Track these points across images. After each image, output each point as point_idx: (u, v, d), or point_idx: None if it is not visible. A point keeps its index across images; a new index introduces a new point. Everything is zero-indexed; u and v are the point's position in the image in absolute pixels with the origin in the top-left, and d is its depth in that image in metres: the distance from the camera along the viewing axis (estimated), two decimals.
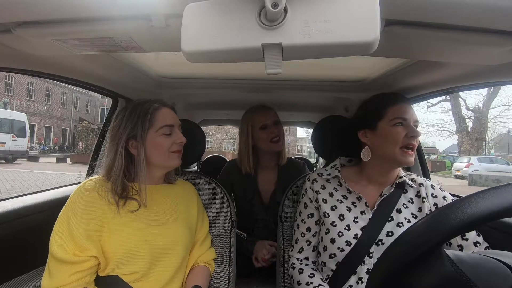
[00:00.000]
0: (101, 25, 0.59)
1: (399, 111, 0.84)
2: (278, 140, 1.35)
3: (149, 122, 0.85)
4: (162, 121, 0.86)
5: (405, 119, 0.84)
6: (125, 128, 0.84)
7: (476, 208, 0.34)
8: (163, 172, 0.92)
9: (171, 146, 0.87)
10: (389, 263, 0.38)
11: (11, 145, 13.65)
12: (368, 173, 0.91)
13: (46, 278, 0.73)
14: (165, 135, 0.86)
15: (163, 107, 0.89)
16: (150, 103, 0.88)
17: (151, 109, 0.86)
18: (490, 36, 0.57)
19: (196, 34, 0.44)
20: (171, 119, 0.89)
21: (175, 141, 0.88)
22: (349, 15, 0.41)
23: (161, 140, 0.86)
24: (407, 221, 0.84)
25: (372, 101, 0.93)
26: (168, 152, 0.87)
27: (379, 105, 0.88)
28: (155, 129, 0.85)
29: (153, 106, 0.87)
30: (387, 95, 0.93)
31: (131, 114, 0.85)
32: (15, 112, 15.41)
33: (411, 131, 0.82)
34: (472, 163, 14.32)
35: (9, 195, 1.08)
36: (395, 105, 0.85)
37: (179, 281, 0.87)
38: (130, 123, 0.84)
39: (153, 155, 0.86)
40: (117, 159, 0.83)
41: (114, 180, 0.82)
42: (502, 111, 20.98)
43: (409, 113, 0.84)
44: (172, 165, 0.90)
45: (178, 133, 0.90)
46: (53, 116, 24.84)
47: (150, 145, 0.85)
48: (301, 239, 0.95)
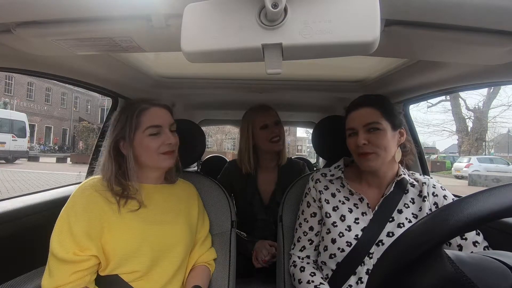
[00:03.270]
0: (101, 25, 0.59)
1: (351, 121, 0.89)
2: (278, 140, 1.35)
3: (135, 123, 0.83)
4: (148, 121, 0.84)
5: (353, 129, 0.88)
6: (115, 129, 0.84)
7: (476, 208, 0.34)
8: (159, 172, 0.91)
9: (160, 147, 0.85)
10: (389, 263, 0.37)
11: (11, 145, 13.65)
12: (363, 174, 0.92)
13: (47, 277, 0.73)
14: (152, 135, 0.84)
15: (153, 106, 0.87)
16: (140, 103, 0.86)
17: (138, 110, 0.84)
18: (490, 36, 0.57)
19: (196, 34, 0.44)
20: (158, 119, 0.86)
21: (164, 142, 0.85)
22: (349, 15, 0.41)
23: (148, 141, 0.84)
24: (408, 221, 0.84)
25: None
26: (157, 153, 0.84)
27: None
28: (141, 130, 0.84)
29: (140, 106, 0.85)
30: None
31: (121, 115, 0.85)
32: (15, 112, 15.41)
33: (358, 140, 0.85)
34: (472, 163, 14.31)
35: (9, 195, 1.08)
36: (349, 114, 0.90)
37: (180, 281, 0.87)
38: (119, 124, 0.84)
39: (143, 156, 0.85)
40: (108, 159, 0.84)
41: (107, 179, 0.82)
42: (502, 111, 20.91)
43: (355, 121, 0.88)
44: (163, 167, 0.88)
45: (167, 133, 0.87)
46: (53, 116, 24.83)
47: (138, 146, 0.84)
48: (303, 238, 0.95)
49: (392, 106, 0.89)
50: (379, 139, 0.84)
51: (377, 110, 0.86)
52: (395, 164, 0.90)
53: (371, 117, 0.85)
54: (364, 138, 0.85)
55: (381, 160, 0.85)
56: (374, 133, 0.85)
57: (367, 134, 0.85)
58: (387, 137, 0.84)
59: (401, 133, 0.89)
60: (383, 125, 0.84)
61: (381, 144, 0.84)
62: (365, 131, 0.86)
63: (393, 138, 0.86)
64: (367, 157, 0.85)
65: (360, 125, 0.86)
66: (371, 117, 0.85)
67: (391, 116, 0.86)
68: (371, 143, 0.85)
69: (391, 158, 0.87)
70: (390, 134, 0.85)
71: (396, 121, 0.87)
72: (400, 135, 0.89)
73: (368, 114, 0.86)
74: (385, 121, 0.85)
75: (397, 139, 0.88)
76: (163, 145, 0.85)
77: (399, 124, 0.88)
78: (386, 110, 0.86)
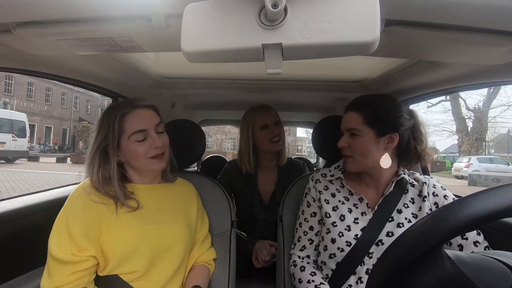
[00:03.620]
0: (101, 25, 0.59)
1: (342, 122, 0.91)
2: (278, 140, 1.35)
3: (118, 130, 0.81)
4: (131, 127, 0.81)
5: (341, 130, 0.90)
6: (98, 136, 0.82)
7: (476, 208, 0.34)
8: (154, 173, 0.90)
9: (148, 152, 0.82)
10: (389, 263, 0.37)
11: (11, 145, 13.65)
12: (362, 174, 0.92)
13: (46, 278, 0.73)
14: (138, 141, 0.81)
15: (134, 109, 0.83)
16: (120, 107, 0.83)
17: (120, 115, 0.81)
18: (490, 36, 0.57)
19: (196, 34, 0.44)
20: (142, 123, 0.82)
21: (151, 146, 0.82)
22: (349, 15, 0.41)
23: (135, 147, 0.81)
24: (407, 221, 0.84)
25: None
26: (145, 158, 0.82)
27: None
28: (126, 136, 0.81)
29: (122, 111, 0.82)
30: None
31: (103, 121, 0.82)
32: (15, 112, 15.42)
33: (339, 142, 0.90)
34: (472, 163, 14.32)
35: (9, 195, 1.08)
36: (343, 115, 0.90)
37: (179, 280, 0.87)
38: (102, 130, 0.82)
39: (132, 161, 0.84)
40: (92, 163, 0.82)
41: (94, 182, 0.81)
42: (502, 111, 20.94)
43: (342, 124, 0.90)
44: (154, 170, 0.87)
45: (154, 136, 0.83)
46: (53, 116, 24.84)
47: (126, 152, 0.82)
48: (304, 237, 0.95)
49: (382, 111, 0.85)
50: (356, 144, 0.86)
51: (360, 116, 0.85)
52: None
53: (352, 122, 0.87)
54: (345, 141, 0.88)
55: (358, 164, 0.87)
56: (354, 138, 0.86)
57: (349, 138, 0.88)
58: (365, 143, 0.84)
59: (391, 139, 0.84)
60: (362, 132, 0.84)
61: (358, 150, 0.86)
62: (348, 134, 0.88)
63: (376, 145, 0.84)
64: (346, 160, 0.90)
65: (345, 128, 0.89)
66: (351, 123, 0.87)
67: (376, 122, 0.84)
68: (351, 147, 0.87)
69: (378, 165, 0.84)
70: (371, 140, 0.84)
71: (384, 127, 0.83)
72: (389, 140, 0.84)
73: (350, 119, 0.87)
74: (367, 127, 0.84)
75: (383, 145, 0.84)
76: (151, 149, 0.82)
77: (390, 129, 0.84)
78: (370, 116, 0.84)
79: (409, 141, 0.86)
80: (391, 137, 0.84)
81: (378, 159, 0.85)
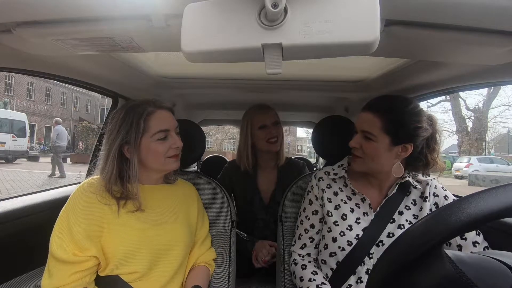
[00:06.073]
0: (101, 25, 0.59)
1: (357, 120, 0.89)
2: (276, 141, 1.35)
3: (143, 128, 0.81)
4: (156, 126, 0.83)
5: (356, 128, 0.88)
6: (119, 133, 0.81)
7: (476, 208, 0.34)
8: (161, 174, 0.91)
9: (167, 151, 0.84)
10: (389, 263, 0.37)
11: (11, 145, 13.62)
12: (366, 174, 0.91)
13: (46, 278, 0.73)
14: (160, 140, 0.83)
15: (158, 109, 0.85)
16: (145, 106, 0.84)
17: (145, 114, 0.82)
18: (490, 36, 0.57)
19: (196, 34, 0.44)
20: (166, 123, 0.85)
21: (171, 146, 0.85)
22: (349, 15, 0.41)
23: (156, 146, 0.83)
24: (408, 223, 0.84)
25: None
26: (164, 157, 0.84)
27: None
28: (149, 134, 0.82)
29: (147, 110, 0.83)
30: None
31: (125, 119, 0.82)
32: (15, 112, 15.38)
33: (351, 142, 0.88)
34: (472, 163, 14.30)
35: (9, 195, 1.08)
36: (360, 112, 0.88)
37: (179, 281, 0.87)
38: (124, 128, 0.81)
39: (149, 160, 0.84)
40: (109, 162, 0.81)
41: (107, 181, 0.81)
42: (502, 111, 20.96)
43: (358, 122, 0.87)
44: (169, 169, 0.88)
45: (174, 137, 0.86)
46: (53, 116, 24.72)
47: (145, 150, 0.82)
48: (304, 235, 0.95)
49: (402, 120, 0.80)
50: (369, 148, 0.83)
51: (378, 121, 0.81)
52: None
53: (369, 125, 0.83)
54: (357, 142, 0.86)
55: (367, 166, 0.86)
56: (367, 141, 0.84)
57: (362, 139, 0.85)
58: (379, 149, 0.82)
59: (405, 148, 0.82)
60: (378, 138, 0.81)
61: (369, 154, 0.84)
62: (362, 135, 0.86)
63: (388, 152, 0.82)
64: (355, 159, 0.88)
65: (360, 128, 0.86)
66: (368, 126, 0.83)
67: (393, 129, 0.80)
68: (362, 149, 0.85)
69: (386, 170, 0.84)
70: (384, 147, 0.81)
71: (401, 136, 0.81)
72: (403, 149, 0.82)
73: (368, 121, 0.83)
74: (383, 134, 0.81)
75: (395, 153, 0.82)
76: (170, 149, 0.85)
77: (406, 140, 0.81)
78: (389, 123, 0.80)
79: (421, 150, 0.84)
80: (405, 147, 0.82)
81: (387, 165, 0.84)
